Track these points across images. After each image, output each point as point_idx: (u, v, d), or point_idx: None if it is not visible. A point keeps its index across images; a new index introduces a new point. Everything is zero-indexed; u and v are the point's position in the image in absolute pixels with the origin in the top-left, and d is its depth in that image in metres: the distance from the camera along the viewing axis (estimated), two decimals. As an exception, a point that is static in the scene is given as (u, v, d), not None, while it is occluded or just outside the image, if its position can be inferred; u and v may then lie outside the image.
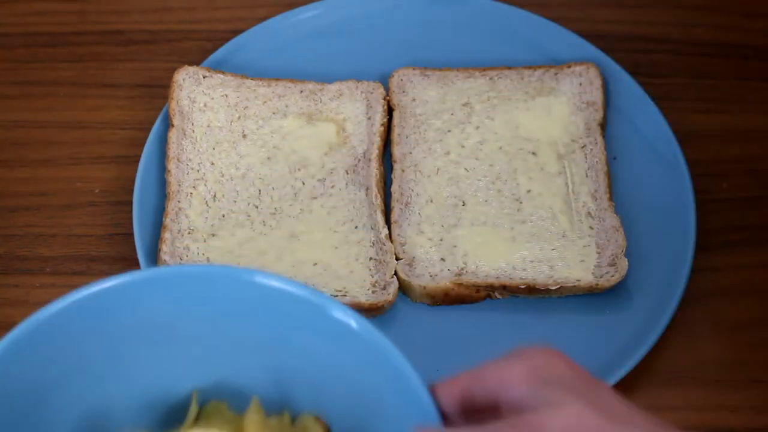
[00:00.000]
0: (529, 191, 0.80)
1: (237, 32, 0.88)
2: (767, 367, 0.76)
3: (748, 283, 0.79)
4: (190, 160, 0.81)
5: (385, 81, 0.85)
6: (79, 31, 0.91)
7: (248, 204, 0.79)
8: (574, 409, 0.47)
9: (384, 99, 0.84)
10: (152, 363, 0.59)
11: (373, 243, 0.78)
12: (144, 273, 0.59)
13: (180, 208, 0.79)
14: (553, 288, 0.76)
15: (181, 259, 0.76)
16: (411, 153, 0.82)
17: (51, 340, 0.56)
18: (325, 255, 0.77)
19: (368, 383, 0.57)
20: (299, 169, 0.81)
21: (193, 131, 0.82)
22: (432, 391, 0.53)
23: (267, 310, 0.57)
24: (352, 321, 0.56)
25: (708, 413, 0.74)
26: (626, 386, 0.73)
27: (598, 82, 0.84)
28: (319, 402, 0.59)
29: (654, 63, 0.89)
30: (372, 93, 0.84)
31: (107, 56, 0.89)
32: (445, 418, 0.52)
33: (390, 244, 0.78)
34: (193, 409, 0.59)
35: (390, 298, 0.75)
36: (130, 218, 0.78)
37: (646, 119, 0.83)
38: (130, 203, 0.79)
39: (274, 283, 0.57)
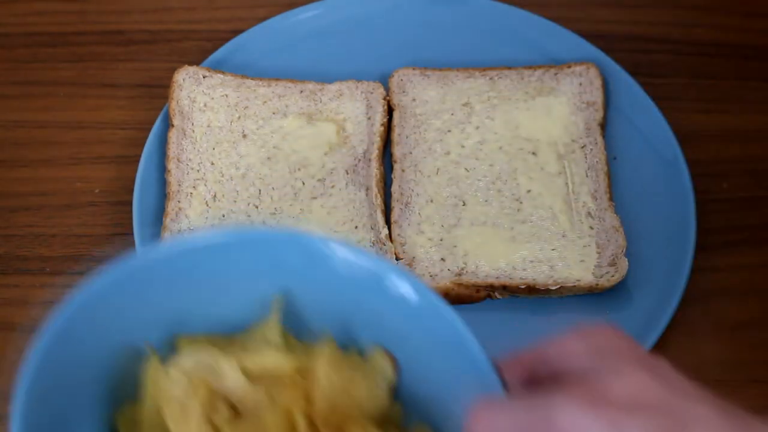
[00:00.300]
0: (529, 191, 0.80)
1: (237, 32, 0.88)
2: (767, 367, 0.76)
3: (748, 283, 0.79)
4: (190, 160, 0.81)
5: (385, 81, 0.85)
6: (79, 31, 0.91)
7: (248, 204, 0.79)
8: (638, 377, 0.48)
9: (384, 99, 0.84)
10: (227, 306, 0.60)
11: (373, 243, 0.78)
12: (223, 235, 0.60)
13: (180, 208, 0.79)
14: (553, 288, 0.76)
15: None
16: (411, 153, 0.82)
17: (141, 286, 0.58)
18: None
19: (432, 350, 0.58)
20: (299, 169, 0.81)
21: (193, 131, 0.82)
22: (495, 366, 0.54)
23: (335, 274, 0.59)
24: (413, 291, 0.57)
25: (708, 413, 0.74)
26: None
27: (598, 82, 0.84)
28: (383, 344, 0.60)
29: (654, 63, 0.89)
30: (372, 93, 0.84)
31: (107, 56, 0.89)
32: (507, 390, 0.53)
33: (390, 244, 0.78)
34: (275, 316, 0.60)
35: None
36: (130, 218, 0.78)
37: (646, 119, 0.83)
38: (130, 203, 0.79)
39: (339, 252, 0.58)
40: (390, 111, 0.84)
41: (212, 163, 0.81)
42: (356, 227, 0.79)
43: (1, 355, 0.75)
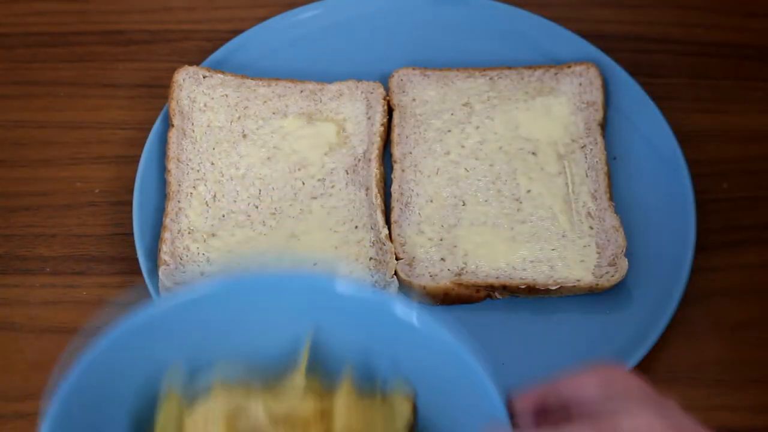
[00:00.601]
0: (529, 191, 0.80)
1: (237, 32, 0.88)
2: (767, 367, 0.76)
3: (748, 283, 0.79)
4: (190, 160, 0.81)
5: (385, 81, 0.85)
6: (79, 31, 0.91)
7: (248, 204, 0.80)
8: (645, 417, 0.50)
9: (384, 99, 0.84)
10: (251, 343, 0.63)
11: (373, 243, 0.78)
12: (229, 282, 0.62)
13: (180, 208, 0.79)
14: (553, 288, 0.76)
15: (181, 259, 0.76)
16: (411, 153, 0.82)
17: (163, 329, 0.61)
18: (325, 255, 0.77)
19: (445, 385, 0.60)
20: (299, 169, 0.81)
21: (193, 131, 0.82)
22: (507, 400, 0.56)
23: (349, 310, 0.61)
24: (415, 320, 0.59)
25: (708, 413, 0.73)
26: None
27: (598, 82, 0.84)
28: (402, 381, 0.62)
29: (654, 63, 0.89)
30: (372, 93, 0.84)
31: (107, 56, 0.89)
32: (515, 420, 0.55)
33: (390, 244, 0.78)
34: (304, 359, 0.62)
35: None
36: (130, 218, 0.78)
37: (646, 119, 0.84)
38: (130, 203, 0.79)
39: (347, 290, 0.61)
40: (390, 111, 0.84)
41: (212, 163, 0.81)
42: (356, 227, 0.79)
43: (1, 355, 0.76)
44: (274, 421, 0.60)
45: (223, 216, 0.79)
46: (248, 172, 0.81)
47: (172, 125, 0.82)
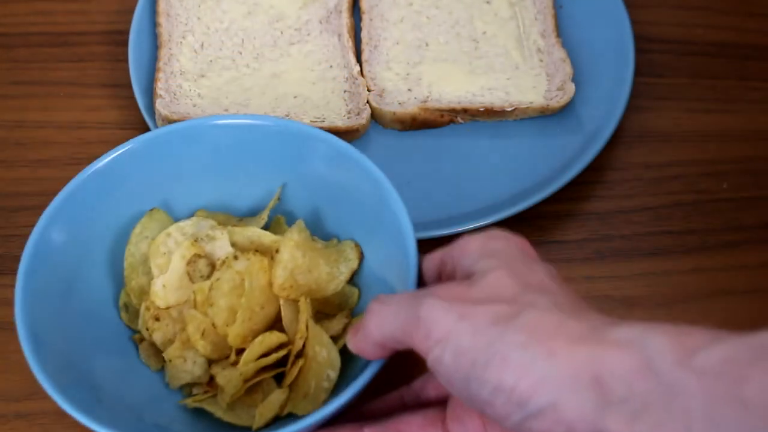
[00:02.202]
0: (484, 33, 0.86)
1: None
2: None
3: (748, 283, 0.79)
4: (178, 15, 0.87)
5: (354, -47, 0.91)
6: (79, 31, 0.91)
7: (232, 51, 0.86)
8: (498, 278, 0.55)
9: (354, -38, 0.90)
10: (208, 189, 0.72)
11: (346, 79, 0.84)
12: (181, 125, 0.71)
13: (171, 54, 0.85)
14: (509, 110, 0.81)
15: (175, 94, 0.82)
16: (377, 5, 0.88)
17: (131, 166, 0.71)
18: (304, 89, 0.83)
19: (379, 235, 0.66)
20: (277, 21, 0.87)
21: None
22: (420, 261, 0.63)
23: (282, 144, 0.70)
24: (346, 151, 0.68)
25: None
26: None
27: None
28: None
29: (654, 63, 0.89)
30: (344, -40, 0.90)
31: (107, 56, 0.89)
32: (423, 280, 0.63)
33: (362, 78, 0.84)
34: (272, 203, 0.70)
35: (364, 122, 0.81)
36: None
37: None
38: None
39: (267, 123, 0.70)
40: (360, -28, 0.90)
41: (198, 18, 0.87)
42: (331, 66, 0.85)
43: (1, 355, 0.75)
44: (234, 247, 0.67)
45: (211, 61, 0.85)
46: (231, 25, 0.87)
47: (162, -14, 0.88)
